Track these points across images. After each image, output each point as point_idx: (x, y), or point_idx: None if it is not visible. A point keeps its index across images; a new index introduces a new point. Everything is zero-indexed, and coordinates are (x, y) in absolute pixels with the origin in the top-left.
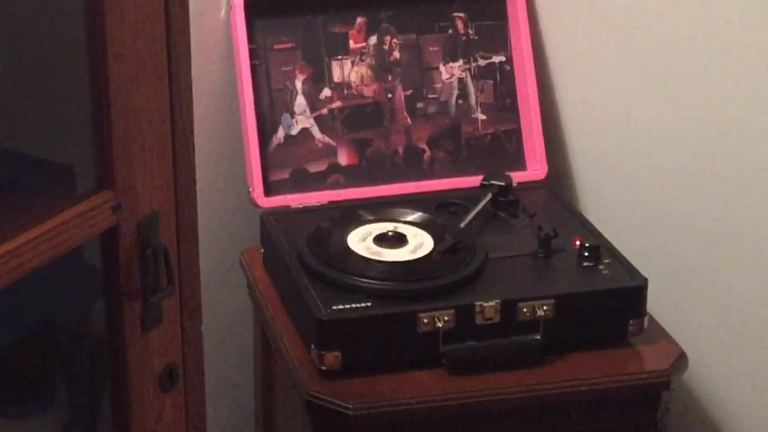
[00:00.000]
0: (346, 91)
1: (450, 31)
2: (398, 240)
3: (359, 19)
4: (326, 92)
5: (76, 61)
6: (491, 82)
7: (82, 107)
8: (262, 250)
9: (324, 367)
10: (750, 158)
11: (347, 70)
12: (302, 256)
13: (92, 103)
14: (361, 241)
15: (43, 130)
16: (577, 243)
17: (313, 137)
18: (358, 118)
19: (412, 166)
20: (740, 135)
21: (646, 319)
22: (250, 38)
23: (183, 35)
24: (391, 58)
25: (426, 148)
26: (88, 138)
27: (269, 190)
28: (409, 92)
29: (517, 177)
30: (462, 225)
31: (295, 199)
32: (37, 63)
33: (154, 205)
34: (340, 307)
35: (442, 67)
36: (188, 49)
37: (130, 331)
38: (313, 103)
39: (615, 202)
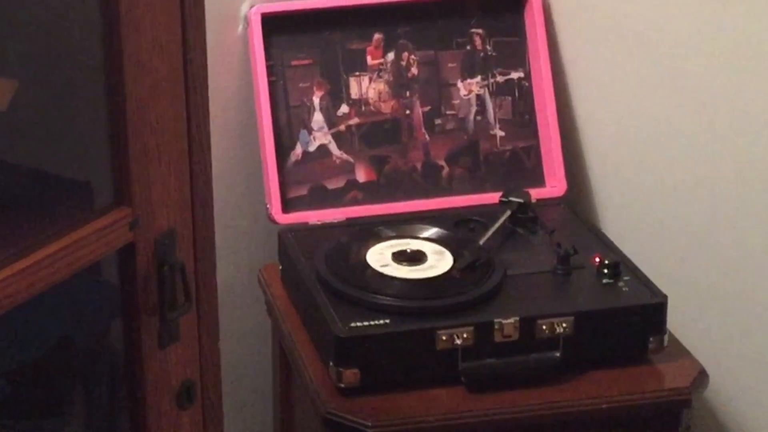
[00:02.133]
0: (363, 108)
1: (468, 47)
2: (417, 257)
3: (377, 36)
4: (344, 108)
5: (94, 78)
6: (509, 98)
7: (99, 124)
8: (280, 267)
9: (342, 385)
10: (765, 172)
11: (365, 87)
12: (320, 273)
13: (110, 120)
14: (379, 257)
15: (61, 147)
16: (597, 260)
17: (330, 154)
18: (376, 135)
19: (430, 182)
20: (763, 152)
21: (666, 337)
22: (268, 54)
23: (199, 52)
24: (409, 75)
25: (444, 164)
26: (105, 154)
27: (287, 206)
28: (427, 108)
29: (535, 193)
30: (481, 242)
31: (313, 216)
32: (55, 79)
33: (171, 222)
34: (359, 324)
35: (460, 84)
36: (205, 65)
37: (147, 347)
38: (331, 120)
39: (634, 218)
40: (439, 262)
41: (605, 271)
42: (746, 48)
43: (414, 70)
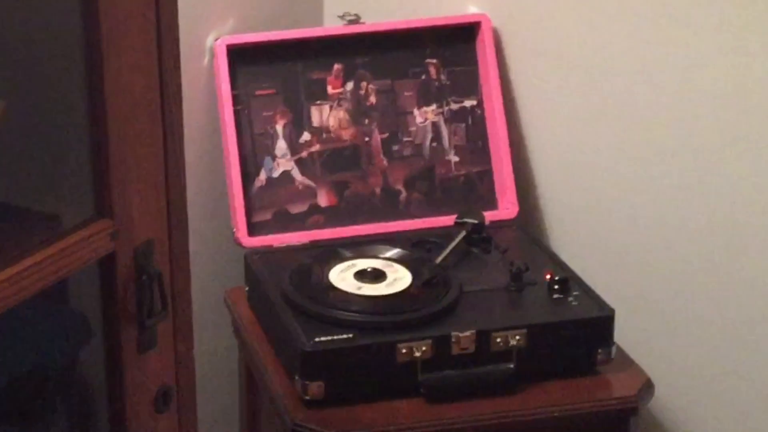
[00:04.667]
0: (324, 135)
1: (423, 77)
2: (377, 275)
3: (336, 66)
4: (306, 136)
5: (75, 96)
6: (463, 125)
7: (81, 140)
8: (247, 288)
9: (308, 397)
10: (708, 193)
11: (326, 115)
12: (286, 291)
13: (91, 136)
14: (341, 276)
15: (45, 162)
16: (548, 276)
17: (293, 179)
18: (336, 161)
19: (389, 206)
20: (703, 174)
21: (613, 348)
22: (233, 84)
23: (174, 72)
24: (368, 103)
25: (402, 189)
26: (87, 169)
27: (252, 230)
28: (385, 135)
29: (489, 216)
30: (438, 261)
31: (278, 239)
32: (38, 99)
33: (149, 233)
34: (323, 338)
35: (416, 111)
36: (179, 85)
37: (126, 353)
38: (294, 147)
39: (582, 238)
40: (398, 280)
41: (555, 287)
42: (689, 74)
43: (372, 99)
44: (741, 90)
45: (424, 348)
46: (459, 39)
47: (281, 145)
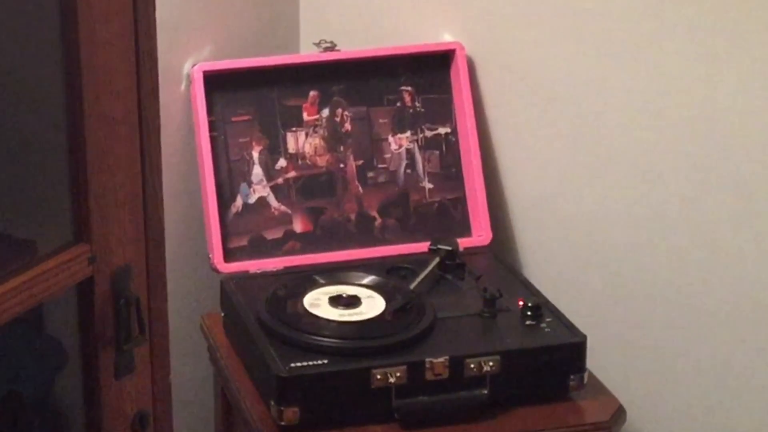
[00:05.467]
0: (300, 162)
1: (398, 104)
2: (351, 301)
3: (312, 93)
4: (281, 162)
5: (54, 123)
6: (437, 152)
7: (59, 165)
8: (223, 314)
9: (283, 423)
10: (682, 221)
11: (301, 141)
12: (261, 317)
13: (70, 162)
14: (316, 302)
15: (24, 188)
16: (521, 303)
17: (269, 205)
18: (312, 187)
19: (363, 232)
20: (674, 202)
21: (586, 374)
22: (209, 111)
23: (153, 98)
24: (343, 130)
25: (377, 215)
26: (65, 194)
27: (228, 256)
28: (360, 162)
29: (463, 242)
30: (411, 287)
31: (253, 265)
32: (16, 124)
33: (126, 258)
34: (298, 364)
35: (390, 138)
36: (157, 111)
37: (104, 377)
38: (270, 173)
39: (554, 265)
40: (372, 306)
41: (528, 313)
42: (667, 103)
43: (347, 126)
44: (716, 115)
45: (398, 374)
46: (433, 67)
47: (257, 172)
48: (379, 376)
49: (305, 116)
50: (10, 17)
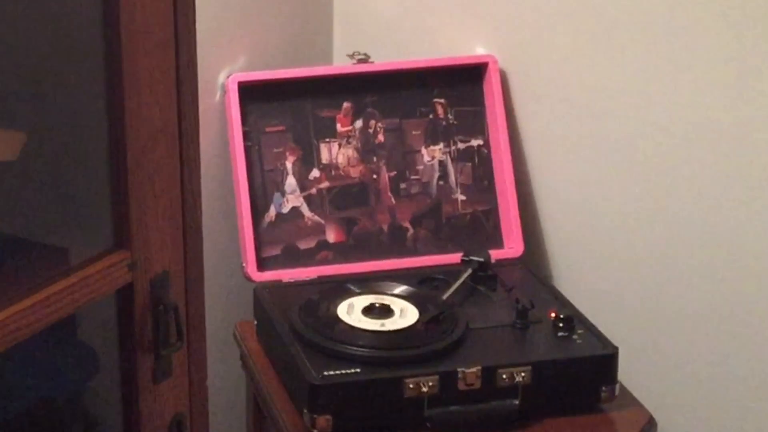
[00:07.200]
0: (333, 172)
1: (431, 116)
2: (385, 311)
3: (346, 104)
4: (315, 173)
5: (96, 130)
6: (470, 164)
7: (101, 172)
8: (255, 323)
9: (316, 430)
10: (714, 232)
11: (335, 152)
12: (294, 326)
13: (111, 169)
14: (349, 311)
15: (65, 195)
16: (552, 315)
17: (302, 215)
18: (345, 198)
19: (396, 243)
20: (705, 213)
21: (617, 386)
22: (244, 121)
23: (193, 106)
24: (376, 141)
25: (409, 226)
26: (106, 201)
27: (262, 265)
28: (393, 173)
29: (495, 254)
30: (444, 297)
31: (287, 274)
32: (59, 132)
33: (165, 265)
34: (331, 372)
35: (423, 150)
36: (197, 119)
37: (142, 382)
38: (303, 183)
39: (587, 276)
40: (405, 316)
41: (560, 324)
42: (695, 116)
43: (380, 137)
44: (747, 131)
45: (430, 383)
46: (466, 79)
47: (291, 182)
48: (411, 386)
49: (339, 127)
50: (54, 28)
